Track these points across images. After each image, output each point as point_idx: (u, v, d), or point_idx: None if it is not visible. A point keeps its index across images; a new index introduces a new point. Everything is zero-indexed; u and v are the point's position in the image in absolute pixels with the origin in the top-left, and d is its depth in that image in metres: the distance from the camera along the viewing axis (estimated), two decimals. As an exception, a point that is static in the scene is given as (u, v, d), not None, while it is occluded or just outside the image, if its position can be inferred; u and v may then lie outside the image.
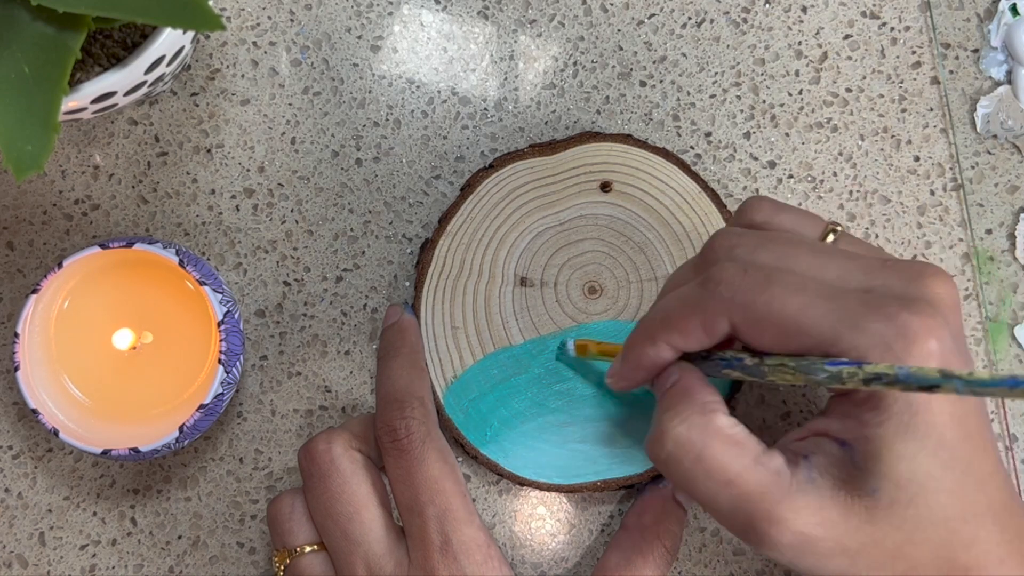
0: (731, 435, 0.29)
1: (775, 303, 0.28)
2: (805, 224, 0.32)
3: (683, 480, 0.29)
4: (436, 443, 0.35)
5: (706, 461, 0.28)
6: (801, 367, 0.27)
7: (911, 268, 0.28)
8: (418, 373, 0.37)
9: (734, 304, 0.28)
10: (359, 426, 0.37)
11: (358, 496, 0.35)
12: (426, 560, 0.33)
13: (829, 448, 0.28)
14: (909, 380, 0.25)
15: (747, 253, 0.30)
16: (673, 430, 0.29)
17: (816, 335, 0.27)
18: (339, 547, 0.34)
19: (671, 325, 0.30)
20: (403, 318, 0.39)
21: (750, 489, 0.28)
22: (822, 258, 0.29)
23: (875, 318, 0.26)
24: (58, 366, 0.37)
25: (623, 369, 0.33)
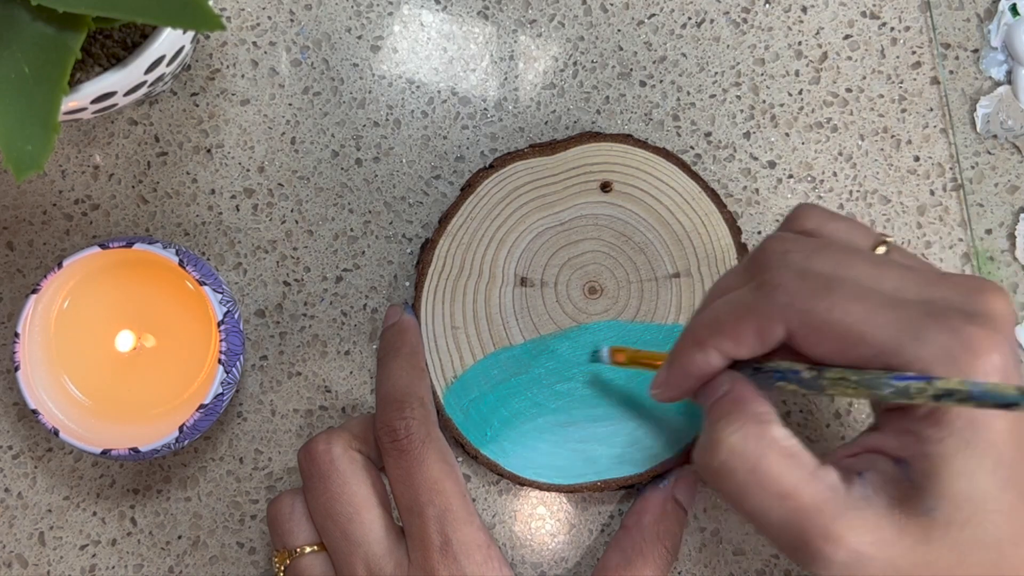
0: (787, 447, 0.28)
1: (836, 310, 0.27)
2: (857, 234, 0.31)
3: (735, 491, 0.28)
4: (436, 443, 0.35)
5: (761, 473, 0.27)
6: (864, 381, 0.27)
7: (970, 282, 0.28)
8: (418, 373, 0.37)
9: (792, 310, 0.28)
10: (359, 426, 0.37)
11: (358, 496, 0.35)
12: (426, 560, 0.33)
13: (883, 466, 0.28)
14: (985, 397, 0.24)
15: (803, 259, 0.29)
16: (728, 439, 0.28)
17: (877, 345, 0.26)
18: (339, 547, 0.34)
19: (722, 330, 0.29)
20: (403, 318, 0.39)
21: (806, 503, 0.27)
22: (880, 268, 0.28)
23: (939, 329, 0.26)
24: (58, 366, 0.37)
25: (670, 376, 0.31)
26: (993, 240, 0.41)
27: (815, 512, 0.27)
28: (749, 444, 0.28)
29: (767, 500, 0.28)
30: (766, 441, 0.28)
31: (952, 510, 0.26)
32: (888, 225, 0.41)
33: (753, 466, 0.28)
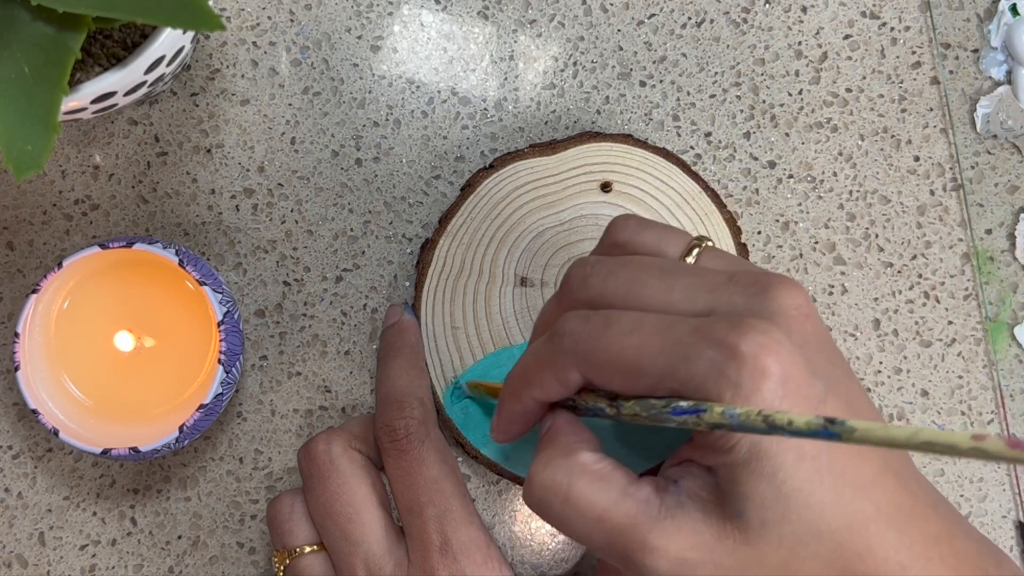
0: (596, 471, 0.28)
1: (612, 348, 0.27)
2: (668, 241, 0.31)
3: (558, 524, 0.29)
4: (436, 443, 0.35)
5: (573, 500, 0.28)
6: (652, 415, 0.27)
7: (756, 281, 0.28)
8: (418, 373, 0.37)
9: (577, 355, 0.28)
10: (359, 426, 0.37)
11: (358, 496, 0.35)
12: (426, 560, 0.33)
13: (697, 473, 0.28)
14: (743, 428, 0.24)
15: (599, 283, 0.29)
16: (539, 475, 0.29)
17: (655, 372, 0.26)
18: (339, 547, 0.34)
19: (530, 381, 0.30)
20: (403, 318, 0.39)
21: (620, 521, 0.27)
22: (669, 280, 0.28)
23: (706, 345, 0.26)
24: (58, 366, 0.37)
25: (499, 423, 0.32)
26: (993, 240, 0.41)
27: (630, 528, 0.27)
28: (558, 475, 0.28)
29: (586, 526, 0.28)
30: (575, 469, 0.28)
31: (761, 511, 0.26)
32: (888, 225, 0.41)
33: (564, 496, 0.28)
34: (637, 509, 0.27)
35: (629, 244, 0.32)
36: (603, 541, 0.28)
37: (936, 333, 0.41)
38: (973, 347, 0.41)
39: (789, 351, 0.26)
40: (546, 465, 0.29)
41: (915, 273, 0.41)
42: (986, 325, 0.41)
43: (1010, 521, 0.41)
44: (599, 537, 0.28)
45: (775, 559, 0.26)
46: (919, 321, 0.41)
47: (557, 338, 0.29)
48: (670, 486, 0.28)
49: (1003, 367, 0.41)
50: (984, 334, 0.41)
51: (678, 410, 0.26)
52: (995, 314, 0.41)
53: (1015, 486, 0.41)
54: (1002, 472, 0.41)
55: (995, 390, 0.41)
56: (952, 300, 0.41)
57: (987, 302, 0.41)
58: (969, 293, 0.41)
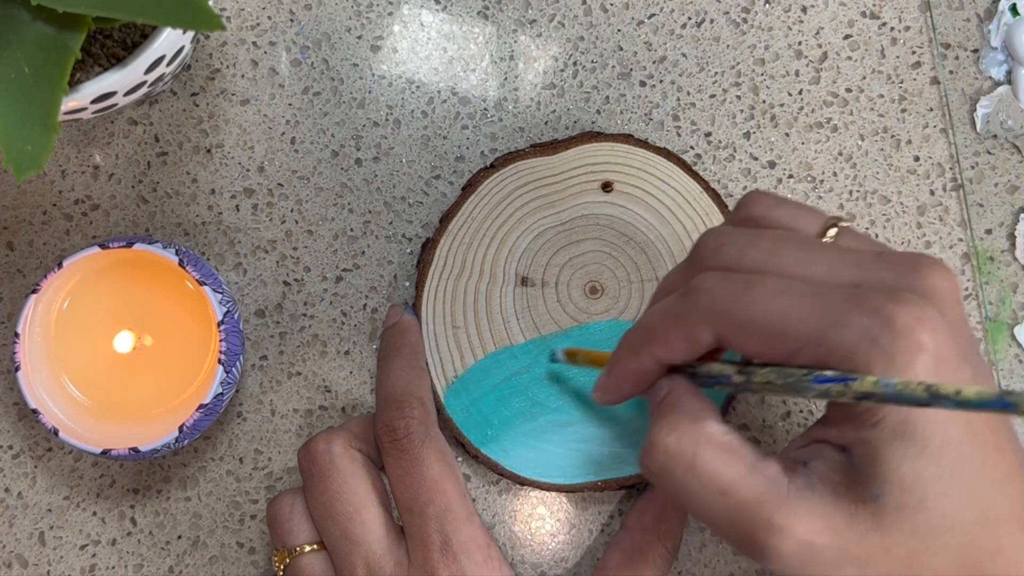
0: (723, 442, 0.27)
1: (755, 308, 0.26)
2: (804, 218, 0.30)
3: (677, 492, 0.28)
4: (436, 443, 0.35)
5: (698, 470, 0.27)
6: (789, 384, 0.26)
7: (906, 260, 0.27)
8: (418, 373, 0.37)
9: (714, 313, 0.27)
10: (359, 426, 0.37)
11: (358, 496, 0.34)
12: (426, 560, 0.33)
13: (829, 454, 0.27)
14: (898, 399, 0.23)
15: (735, 252, 0.28)
16: (663, 440, 0.28)
17: (800, 336, 0.26)
18: (339, 547, 0.34)
19: (654, 338, 0.29)
20: (403, 318, 0.39)
21: (746, 497, 0.26)
22: (812, 253, 0.27)
23: (860, 313, 0.25)
24: (58, 366, 0.37)
25: (608, 382, 0.32)
26: (993, 240, 0.41)
27: (756, 505, 0.26)
28: (684, 442, 0.27)
29: (708, 497, 0.27)
30: (701, 438, 0.27)
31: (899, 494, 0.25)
32: (888, 225, 0.41)
33: (689, 464, 0.27)
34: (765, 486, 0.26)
35: (764, 219, 0.31)
36: (724, 516, 0.27)
37: (936, 333, 0.41)
38: (973, 347, 0.41)
39: (944, 330, 0.25)
40: (672, 430, 0.28)
41: (915, 273, 0.41)
42: (986, 325, 0.41)
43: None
44: (720, 511, 0.27)
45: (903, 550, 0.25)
46: (919, 321, 0.41)
47: (693, 294, 0.28)
48: (799, 467, 0.27)
49: (1003, 367, 0.41)
50: (984, 334, 0.41)
51: (822, 379, 0.25)
52: (995, 314, 0.41)
53: (1015, 486, 0.41)
54: None
55: (995, 390, 0.41)
56: (952, 300, 0.41)
57: (987, 302, 0.41)
58: (969, 293, 0.41)
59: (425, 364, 0.38)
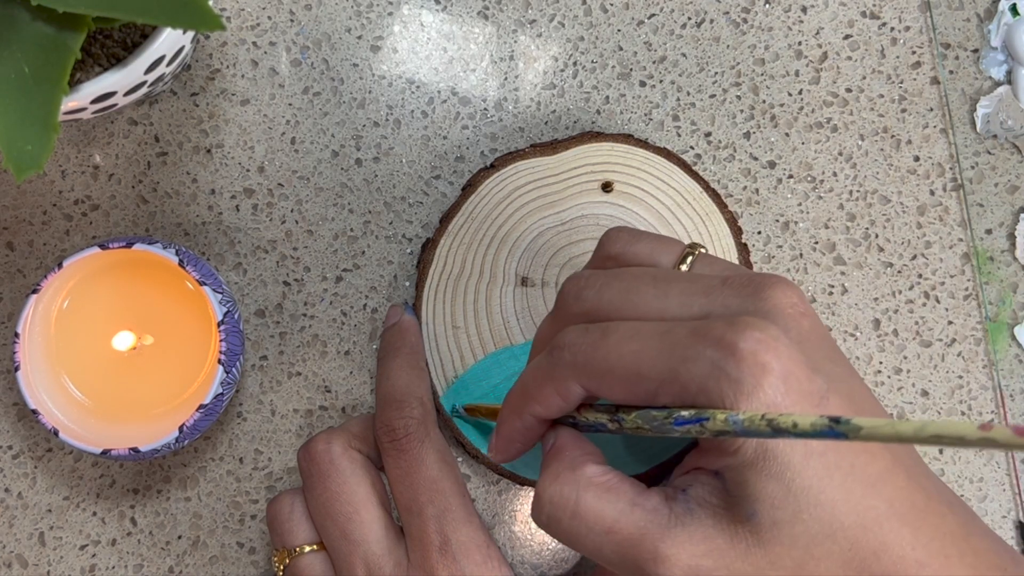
0: (603, 482, 0.28)
1: (611, 356, 0.27)
2: (661, 250, 0.31)
3: (568, 539, 0.28)
4: (435, 443, 0.35)
5: (582, 514, 0.28)
6: (654, 428, 0.27)
7: (748, 282, 0.28)
8: (418, 373, 0.37)
9: (577, 367, 0.28)
10: (358, 426, 0.37)
11: (357, 496, 0.35)
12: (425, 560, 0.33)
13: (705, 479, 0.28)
14: (747, 433, 0.24)
15: (594, 296, 0.29)
16: (546, 491, 0.29)
17: (655, 377, 0.26)
18: (338, 547, 0.34)
19: (530, 397, 0.30)
20: (403, 318, 0.39)
21: (630, 532, 0.27)
22: (663, 287, 0.28)
23: (704, 345, 0.26)
24: (58, 366, 0.37)
25: (499, 443, 0.32)
26: (993, 240, 0.41)
27: (640, 538, 0.27)
28: (565, 490, 0.28)
29: (596, 539, 0.28)
30: (582, 482, 0.28)
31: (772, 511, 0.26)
32: (888, 225, 0.41)
33: (573, 511, 0.28)
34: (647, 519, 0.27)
35: (622, 256, 0.32)
36: (614, 554, 0.27)
37: (936, 333, 0.41)
38: (973, 347, 0.41)
39: (787, 347, 0.26)
40: (553, 480, 0.29)
41: (915, 273, 0.41)
42: (986, 325, 0.41)
43: (1010, 521, 0.41)
44: (610, 550, 0.27)
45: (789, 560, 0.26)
46: (919, 321, 0.41)
47: (556, 352, 0.29)
48: (679, 494, 0.28)
49: (1003, 367, 0.41)
50: (984, 334, 0.41)
51: (680, 420, 0.26)
52: (995, 314, 0.41)
53: (1015, 486, 0.41)
54: (1002, 472, 0.41)
55: (995, 390, 0.41)
56: (952, 300, 0.41)
57: (987, 302, 0.41)
58: (969, 293, 0.41)
59: (425, 364, 0.38)
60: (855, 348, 0.41)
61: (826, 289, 0.41)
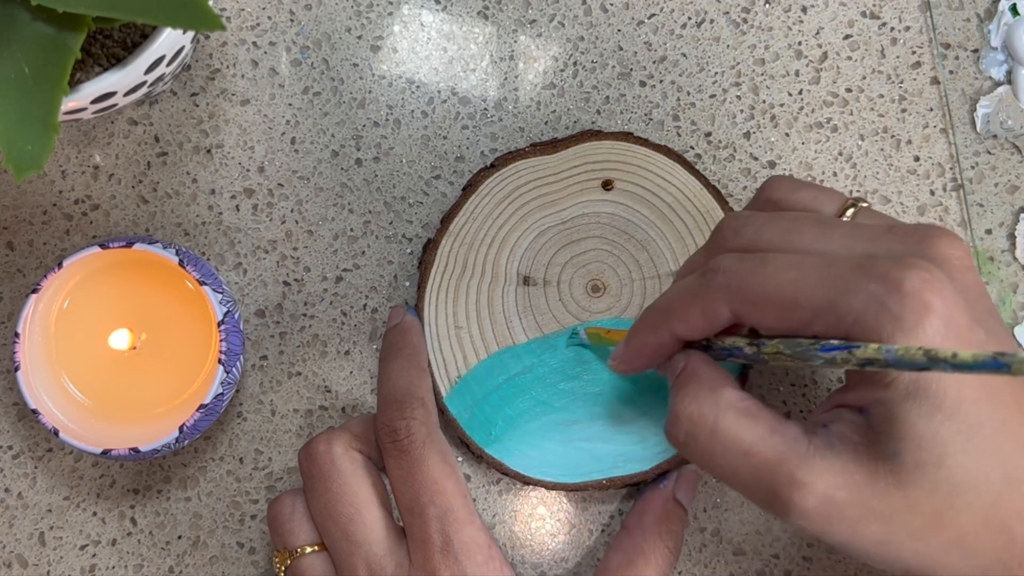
0: (743, 407, 0.28)
1: (769, 282, 0.27)
2: (823, 200, 0.31)
3: (702, 458, 0.29)
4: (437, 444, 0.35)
5: (720, 434, 0.28)
6: (797, 353, 0.27)
7: (916, 230, 0.28)
8: (419, 374, 0.37)
9: (731, 290, 0.28)
10: (359, 426, 0.36)
11: (359, 497, 0.34)
12: (427, 561, 0.33)
13: (848, 416, 0.28)
14: (899, 364, 0.23)
15: (752, 232, 0.30)
16: (685, 409, 0.29)
17: (811, 306, 0.26)
18: (340, 548, 0.34)
19: (673, 314, 0.30)
20: (405, 319, 0.39)
21: (768, 456, 0.27)
22: (826, 230, 0.28)
23: (868, 279, 0.26)
24: (58, 366, 0.37)
25: (625, 353, 0.33)
26: (993, 240, 0.41)
27: (778, 464, 0.27)
28: (705, 410, 0.29)
29: (732, 460, 0.28)
30: (722, 404, 0.28)
31: (917, 451, 0.25)
32: (888, 225, 0.42)
33: (712, 430, 0.28)
34: (786, 446, 0.27)
35: (784, 202, 0.32)
36: (749, 477, 0.27)
37: (936, 333, 0.41)
38: (973, 347, 0.41)
39: (952, 293, 0.25)
40: (693, 399, 0.29)
41: (915, 273, 0.41)
42: (986, 325, 0.41)
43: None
44: (745, 472, 0.27)
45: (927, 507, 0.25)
46: (919, 321, 0.41)
47: (711, 274, 0.29)
48: (819, 429, 0.28)
49: (1003, 367, 0.41)
50: (984, 334, 0.41)
51: (828, 347, 0.26)
52: (995, 314, 0.41)
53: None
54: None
55: (995, 390, 0.41)
56: (952, 300, 0.41)
57: (987, 302, 0.41)
58: (969, 293, 0.41)
59: (427, 365, 0.38)
60: (855, 348, 0.41)
61: (826, 289, 0.41)
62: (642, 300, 0.40)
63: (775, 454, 0.27)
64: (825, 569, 0.40)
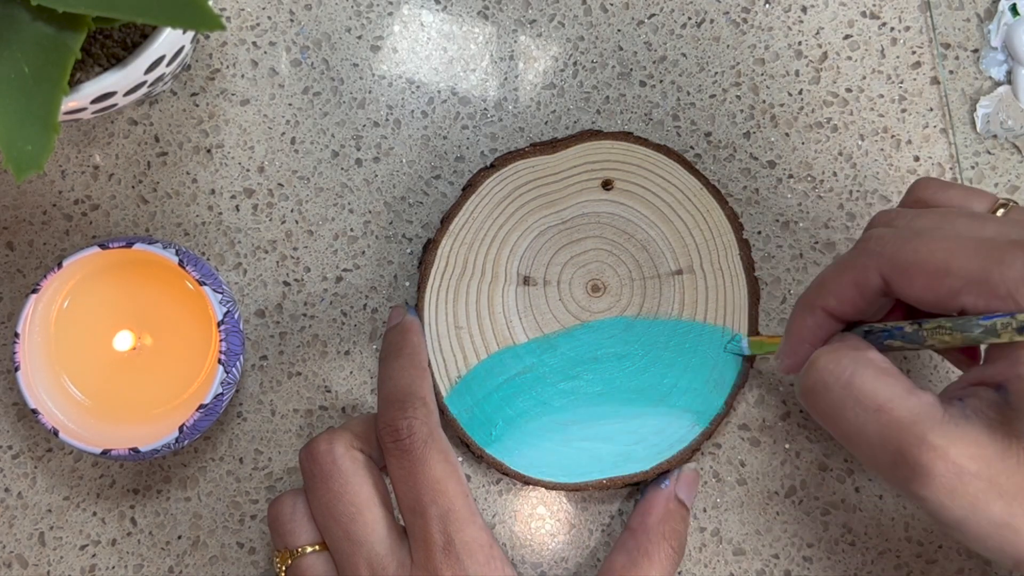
0: (883, 367, 0.28)
1: (922, 249, 0.28)
2: (973, 199, 0.31)
3: (830, 408, 0.28)
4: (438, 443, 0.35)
5: (855, 387, 0.28)
6: (958, 325, 0.27)
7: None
8: (420, 373, 0.37)
9: (883, 256, 0.28)
10: (360, 426, 0.36)
11: (360, 496, 0.34)
12: (429, 560, 0.33)
13: (984, 393, 0.27)
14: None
15: (906, 223, 0.30)
16: (822, 359, 0.29)
17: (963, 274, 0.26)
18: (341, 548, 0.34)
19: (825, 288, 0.31)
20: (406, 319, 0.39)
21: (901, 415, 0.27)
22: (980, 221, 0.29)
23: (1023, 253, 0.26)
24: (58, 366, 0.37)
25: (787, 345, 0.33)
26: (993, 240, 0.41)
27: (911, 424, 0.26)
28: (844, 362, 0.28)
29: (862, 415, 0.28)
30: (861, 360, 0.28)
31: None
32: (888, 225, 0.42)
33: (847, 381, 0.28)
34: (921, 408, 0.27)
35: (934, 200, 0.32)
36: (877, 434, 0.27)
37: (936, 333, 0.41)
38: (973, 347, 0.41)
39: None
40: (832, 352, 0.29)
41: (915, 273, 0.42)
42: (986, 325, 0.41)
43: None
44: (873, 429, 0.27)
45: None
46: (919, 321, 0.41)
47: (863, 243, 0.29)
48: (954, 401, 0.28)
49: (1003, 367, 0.41)
50: (984, 334, 0.41)
51: (988, 316, 0.26)
52: (995, 314, 0.41)
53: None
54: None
55: (995, 390, 0.41)
56: (952, 300, 0.41)
57: (987, 302, 0.41)
58: (969, 293, 0.41)
59: (427, 364, 0.38)
60: (855, 348, 0.41)
61: (826, 289, 0.41)
62: (642, 299, 0.40)
63: (909, 414, 0.27)
64: (825, 569, 0.40)
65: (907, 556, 0.40)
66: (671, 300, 0.39)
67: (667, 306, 0.39)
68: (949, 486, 0.26)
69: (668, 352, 0.39)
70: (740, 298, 0.40)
